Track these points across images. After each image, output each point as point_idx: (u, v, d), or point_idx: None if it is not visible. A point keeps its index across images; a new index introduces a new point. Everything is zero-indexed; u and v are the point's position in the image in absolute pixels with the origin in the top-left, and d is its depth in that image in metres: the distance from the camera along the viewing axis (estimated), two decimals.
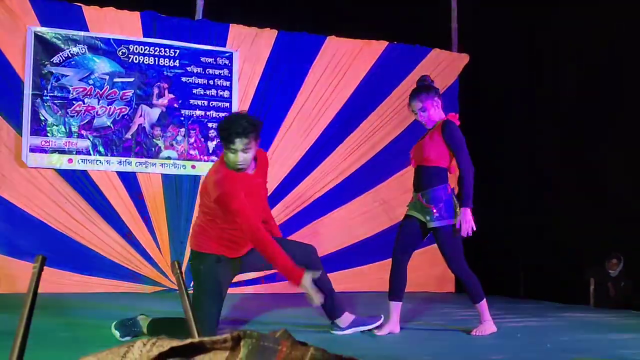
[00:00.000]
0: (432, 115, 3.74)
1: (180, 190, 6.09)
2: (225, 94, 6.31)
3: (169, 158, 6.09)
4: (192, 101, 6.19)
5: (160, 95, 6.11)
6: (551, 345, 3.35)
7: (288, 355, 0.91)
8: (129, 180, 5.96)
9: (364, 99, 6.71)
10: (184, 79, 6.18)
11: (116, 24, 5.97)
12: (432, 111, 3.73)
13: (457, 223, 3.60)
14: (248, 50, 6.38)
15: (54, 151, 5.71)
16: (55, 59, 5.74)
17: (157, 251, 5.99)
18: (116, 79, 5.95)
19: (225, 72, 6.32)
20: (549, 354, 3.16)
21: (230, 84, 6.33)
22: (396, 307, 3.76)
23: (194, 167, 6.14)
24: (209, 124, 6.20)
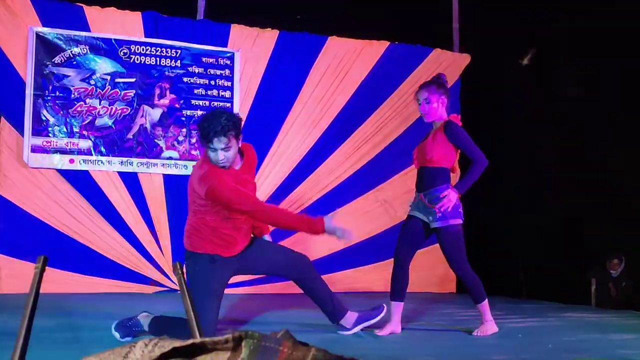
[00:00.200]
0: (434, 110, 3.71)
1: (182, 191, 6.08)
2: (227, 94, 6.31)
3: (170, 158, 6.09)
4: (193, 101, 6.20)
5: (162, 96, 6.11)
6: (552, 345, 3.35)
7: (289, 356, 0.91)
8: (130, 181, 5.97)
9: (365, 99, 6.71)
10: (185, 79, 6.19)
11: (118, 24, 5.98)
12: (435, 106, 3.71)
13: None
14: (249, 50, 6.38)
15: (55, 151, 5.72)
16: (57, 59, 5.75)
17: (159, 251, 6.00)
18: (118, 79, 5.96)
19: (227, 72, 6.32)
20: (550, 354, 3.16)
21: (232, 84, 6.33)
22: (398, 307, 3.76)
23: None
24: None
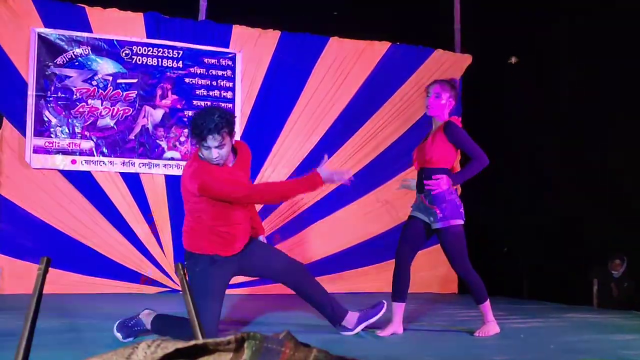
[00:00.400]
0: (441, 106, 3.70)
1: None
2: (229, 94, 6.32)
3: (172, 159, 6.10)
4: (195, 102, 6.20)
5: (164, 96, 6.12)
6: (555, 346, 3.34)
7: (291, 357, 0.92)
8: (132, 181, 5.97)
9: (366, 100, 6.71)
10: (187, 79, 6.20)
11: (119, 25, 5.98)
12: (442, 103, 3.70)
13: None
14: (251, 51, 6.38)
15: (57, 152, 5.73)
16: (59, 60, 5.76)
17: (161, 252, 6.00)
18: (119, 80, 5.96)
19: (228, 73, 6.33)
20: (552, 354, 3.16)
21: (233, 84, 6.34)
22: (399, 307, 3.76)
23: None
24: None
